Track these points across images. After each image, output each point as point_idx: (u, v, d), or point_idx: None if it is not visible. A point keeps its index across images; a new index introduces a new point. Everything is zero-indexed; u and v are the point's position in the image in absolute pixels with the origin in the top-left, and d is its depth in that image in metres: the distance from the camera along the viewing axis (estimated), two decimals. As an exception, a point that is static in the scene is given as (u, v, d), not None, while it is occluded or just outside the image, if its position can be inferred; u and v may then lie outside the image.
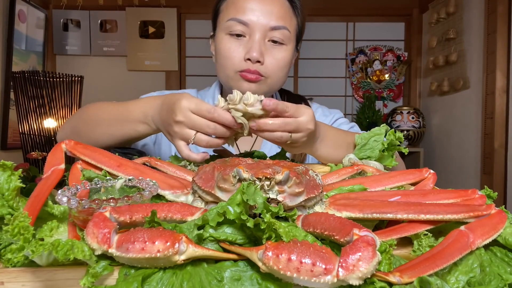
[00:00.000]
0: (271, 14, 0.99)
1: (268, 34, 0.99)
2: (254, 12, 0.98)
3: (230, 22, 0.99)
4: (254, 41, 0.98)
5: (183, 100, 0.70)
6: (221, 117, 0.68)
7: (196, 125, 0.69)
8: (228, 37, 1.00)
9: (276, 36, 1.00)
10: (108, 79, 3.51)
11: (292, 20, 1.04)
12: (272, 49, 1.00)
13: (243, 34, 0.99)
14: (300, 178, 0.49)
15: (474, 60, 2.74)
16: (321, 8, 3.52)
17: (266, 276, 0.38)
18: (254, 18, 0.98)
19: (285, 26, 1.00)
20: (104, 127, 0.87)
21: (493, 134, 2.52)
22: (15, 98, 2.65)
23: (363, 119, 3.39)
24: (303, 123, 0.71)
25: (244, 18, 0.98)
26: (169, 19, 3.51)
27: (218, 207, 0.43)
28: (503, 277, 0.41)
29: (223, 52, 1.00)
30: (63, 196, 0.47)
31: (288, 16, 1.02)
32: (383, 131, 0.83)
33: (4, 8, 2.80)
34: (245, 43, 0.99)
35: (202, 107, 0.69)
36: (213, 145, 0.72)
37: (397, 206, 0.48)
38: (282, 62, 1.02)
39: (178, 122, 0.70)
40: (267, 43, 1.00)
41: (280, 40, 1.00)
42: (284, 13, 1.01)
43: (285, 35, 1.01)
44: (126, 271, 0.39)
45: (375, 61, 3.65)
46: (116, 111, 0.87)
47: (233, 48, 0.99)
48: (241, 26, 0.98)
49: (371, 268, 0.34)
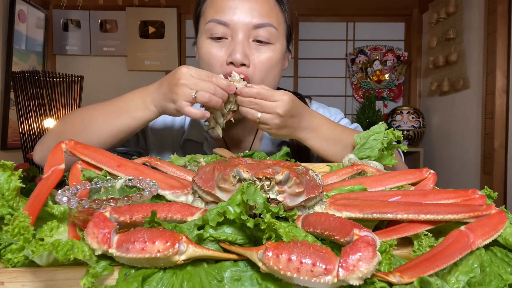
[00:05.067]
0: (253, 11, 0.90)
1: (252, 33, 0.91)
2: (234, 10, 0.90)
3: (209, 24, 0.92)
4: (236, 43, 0.90)
5: (183, 68, 0.80)
6: (219, 81, 0.80)
7: (198, 86, 0.78)
8: (209, 41, 0.93)
9: (261, 35, 0.91)
10: (108, 79, 3.51)
11: (278, 17, 0.95)
12: (258, 50, 0.92)
13: (224, 36, 0.91)
14: (300, 178, 0.49)
15: (474, 60, 2.74)
16: (321, 8, 3.52)
17: (266, 276, 0.38)
18: (234, 17, 0.90)
19: (270, 23, 0.92)
20: (99, 123, 0.86)
21: (493, 134, 2.52)
22: (15, 98, 2.65)
23: (363, 119, 3.40)
24: (270, 106, 0.81)
25: (224, 18, 0.90)
26: (169, 19, 3.51)
27: (218, 207, 0.43)
28: (503, 277, 0.41)
29: (205, 58, 0.94)
30: (63, 196, 0.47)
31: (274, 12, 0.94)
32: (383, 129, 0.83)
33: (4, 8, 2.80)
34: (227, 45, 0.91)
35: (202, 72, 0.80)
36: (213, 102, 0.79)
37: (397, 206, 0.48)
38: (270, 62, 0.93)
39: (181, 84, 0.78)
40: (251, 43, 0.92)
41: (266, 39, 0.92)
42: (268, 9, 0.92)
43: (271, 33, 0.92)
44: (126, 271, 0.39)
45: (375, 61, 3.65)
46: (110, 106, 0.88)
47: (214, 52, 0.92)
48: (222, 27, 0.91)
49: (371, 268, 0.34)
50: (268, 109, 0.81)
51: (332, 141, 0.90)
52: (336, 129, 0.91)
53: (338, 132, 0.91)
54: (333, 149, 0.90)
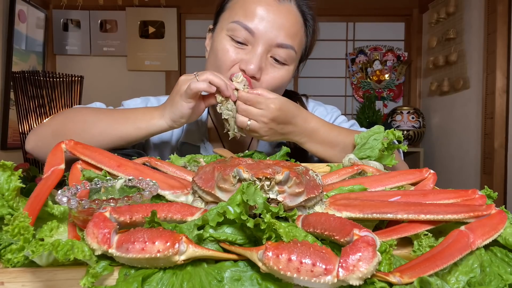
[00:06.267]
0: (281, 29, 0.89)
1: (272, 50, 0.90)
2: (263, 21, 0.88)
3: (234, 24, 0.89)
4: (255, 54, 0.88)
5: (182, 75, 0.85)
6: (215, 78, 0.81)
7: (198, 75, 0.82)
8: (229, 40, 0.91)
9: (280, 55, 0.91)
10: (108, 79, 3.51)
11: (301, 40, 0.95)
12: (273, 67, 0.92)
13: (245, 42, 0.90)
14: (300, 178, 0.49)
15: (474, 60, 2.74)
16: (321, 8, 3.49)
17: (266, 276, 0.38)
18: (261, 28, 0.88)
19: (292, 46, 0.91)
20: (102, 126, 0.86)
21: (493, 134, 2.52)
22: (15, 98, 2.65)
23: (363, 119, 3.40)
24: (257, 114, 0.80)
25: (251, 24, 0.88)
26: (169, 19, 3.51)
27: (218, 207, 0.43)
28: (503, 277, 0.41)
29: (219, 53, 0.91)
30: (63, 196, 0.47)
31: (299, 35, 0.94)
32: (382, 129, 0.83)
33: (4, 8, 2.80)
34: (245, 51, 0.90)
35: None
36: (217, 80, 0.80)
37: (397, 206, 0.48)
38: (280, 81, 0.93)
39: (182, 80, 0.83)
40: (268, 59, 0.91)
41: (283, 60, 0.92)
42: (295, 31, 0.92)
43: (290, 56, 0.92)
44: (126, 271, 0.39)
45: (375, 61, 3.65)
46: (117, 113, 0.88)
47: (230, 52, 0.90)
48: (246, 32, 0.88)
49: (371, 268, 0.34)
50: (255, 117, 0.81)
51: (328, 145, 0.89)
52: (333, 132, 0.90)
53: (334, 135, 0.90)
54: (329, 152, 0.90)
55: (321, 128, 0.89)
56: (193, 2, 3.45)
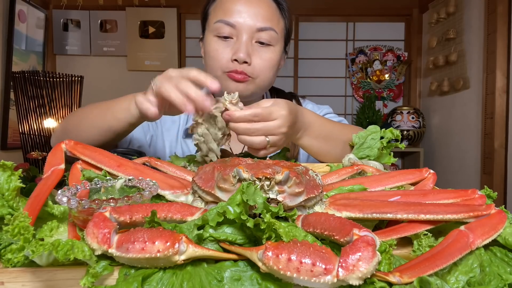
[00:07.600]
0: (258, 16, 1.00)
1: (255, 36, 1.01)
2: (241, 14, 1.00)
3: (217, 24, 1.01)
4: (241, 43, 1.00)
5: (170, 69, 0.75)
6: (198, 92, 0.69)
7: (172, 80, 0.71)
8: (216, 39, 1.02)
9: (263, 37, 1.01)
10: (108, 79, 3.51)
11: (279, 22, 1.05)
12: (259, 50, 1.02)
13: (230, 36, 1.01)
14: (300, 178, 0.49)
15: (474, 60, 2.74)
16: (321, 8, 3.52)
17: (266, 276, 0.38)
18: (240, 20, 1.00)
19: (271, 27, 1.02)
20: (91, 119, 0.88)
21: (493, 134, 2.52)
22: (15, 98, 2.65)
23: (363, 119, 3.39)
24: (274, 128, 0.73)
25: (231, 20, 1.00)
26: (169, 19, 3.51)
27: (218, 207, 0.43)
28: (503, 277, 0.41)
29: (211, 53, 1.02)
30: (63, 196, 0.47)
31: (275, 18, 1.04)
32: (378, 129, 0.84)
33: (4, 8, 2.80)
34: (232, 44, 1.01)
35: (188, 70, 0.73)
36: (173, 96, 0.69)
37: (397, 206, 0.48)
38: (270, 62, 1.03)
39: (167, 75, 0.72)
40: (254, 44, 1.02)
41: (267, 41, 1.02)
42: (270, 15, 1.02)
43: (272, 36, 1.02)
44: (126, 271, 0.39)
45: (375, 61, 3.65)
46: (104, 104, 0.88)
47: (221, 49, 1.01)
48: (228, 28, 1.00)
49: (371, 268, 0.34)
50: (272, 131, 0.74)
51: (323, 139, 0.90)
52: (327, 126, 0.91)
53: (329, 129, 0.91)
54: (324, 147, 0.90)
55: (316, 121, 0.89)
56: (193, 2, 3.44)
